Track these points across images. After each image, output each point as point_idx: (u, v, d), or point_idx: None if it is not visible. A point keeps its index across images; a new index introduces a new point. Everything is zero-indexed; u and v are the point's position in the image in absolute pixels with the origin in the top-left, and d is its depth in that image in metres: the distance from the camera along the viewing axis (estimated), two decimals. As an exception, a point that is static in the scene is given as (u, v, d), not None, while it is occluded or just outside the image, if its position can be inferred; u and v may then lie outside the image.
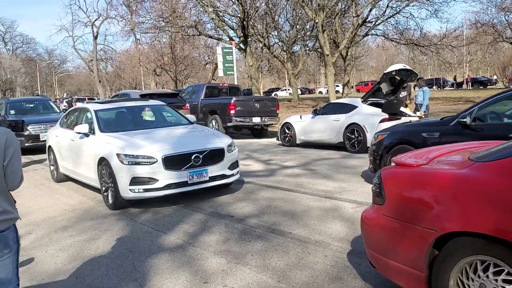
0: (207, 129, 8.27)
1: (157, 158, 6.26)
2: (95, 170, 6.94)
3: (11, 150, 2.55)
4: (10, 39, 79.29)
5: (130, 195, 6.30)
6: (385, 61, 69.33)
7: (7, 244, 2.56)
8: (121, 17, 51.22)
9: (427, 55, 31.47)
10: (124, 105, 8.45)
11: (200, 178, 6.50)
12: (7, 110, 15.12)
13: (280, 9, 34.16)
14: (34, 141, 13.43)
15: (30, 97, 22.53)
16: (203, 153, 6.56)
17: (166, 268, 4.34)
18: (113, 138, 6.91)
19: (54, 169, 9.07)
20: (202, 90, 16.88)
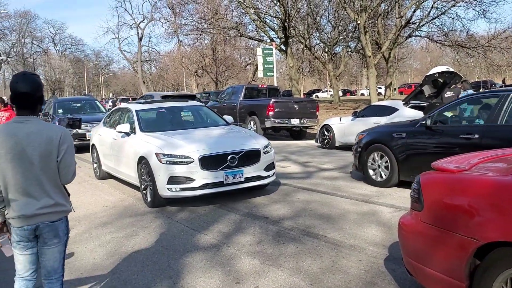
0: (244, 130, 8.28)
1: (194, 158, 6.35)
2: (135, 169, 7.10)
3: (64, 146, 2.76)
4: (60, 40, 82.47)
5: (168, 193, 6.41)
6: (429, 63, 67.52)
7: (57, 234, 2.80)
8: (165, 19, 52.37)
9: (474, 57, 30.39)
10: (163, 106, 8.61)
11: (235, 179, 6.54)
12: (55, 109, 15.48)
13: (322, 10, 33.89)
14: (80, 139, 13.56)
15: (77, 97, 22.74)
16: (239, 154, 6.60)
17: (200, 267, 4.37)
18: (152, 137, 7.05)
19: (97, 166, 9.32)
20: (241, 91, 16.96)
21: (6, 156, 2.64)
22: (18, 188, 2.68)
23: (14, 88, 2.69)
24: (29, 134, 2.67)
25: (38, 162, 2.69)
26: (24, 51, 73.25)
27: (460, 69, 45.06)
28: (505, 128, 5.70)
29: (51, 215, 2.76)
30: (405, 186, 7.49)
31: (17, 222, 2.72)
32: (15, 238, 2.77)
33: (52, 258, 2.81)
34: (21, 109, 2.73)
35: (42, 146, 2.69)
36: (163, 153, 6.45)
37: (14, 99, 2.72)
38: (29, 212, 2.70)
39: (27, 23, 71.73)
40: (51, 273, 2.84)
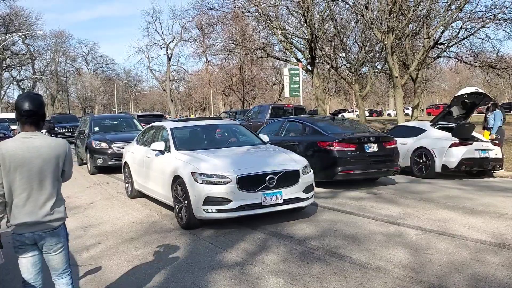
0: (281, 149, 7.79)
1: (231, 178, 6.12)
2: (169, 188, 6.91)
3: (68, 158, 3.14)
4: (92, 59, 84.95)
5: (203, 215, 6.21)
6: (458, 84, 66.53)
7: (59, 241, 3.07)
8: (193, 39, 53.25)
9: (504, 78, 29.82)
10: (198, 124, 8.52)
11: (274, 201, 6.27)
12: (91, 127, 14.71)
13: (349, 31, 33.97)
14: (117, 159, 12.52)
15: (114, 114, 21.52)
16: (277, 174, 6.34)
17: (224, 284, 4.40)
18: (188, 156, 6.88)
19: (129, 185, 9.17)
20: (267, 110, 17.11)
21: (15, 168, 2.88)
22: (23, 197, 2.91)
23: (20, 106, 2.94)
24: (37, 148, 2.93)
25: (44, 173, 2.96)
26: (58, 70, 75.59)
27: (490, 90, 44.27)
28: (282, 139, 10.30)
29: (52, 222, 3.00)
30: (434, 209, 7.39)
31: (19, 229, 2.94)
32: (15, 244, 2.98)
33: (60, 262, 3.11)
34: (27, 125, 2.97)
35: (51, 158, 2.98)
36: (199, 173, 6.25)
37: (21, 117, 2.96)
38: (33, 219, 2.93)
39: (62, 43, 74.22)
40: (61, 273, 3.15)
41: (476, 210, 7.21)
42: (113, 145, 12.93)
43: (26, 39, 61.12)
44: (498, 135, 11.61)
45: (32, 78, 67.56)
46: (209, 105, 71.38)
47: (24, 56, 63.18)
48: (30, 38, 61.96)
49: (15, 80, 67.22)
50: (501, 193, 8.68)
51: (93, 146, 13.04)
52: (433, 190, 9.16)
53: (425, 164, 10.71)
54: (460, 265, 4.67)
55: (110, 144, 12.94)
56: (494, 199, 8.05)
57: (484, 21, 23.99)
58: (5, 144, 2.93)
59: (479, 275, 4.38)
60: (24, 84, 69.10)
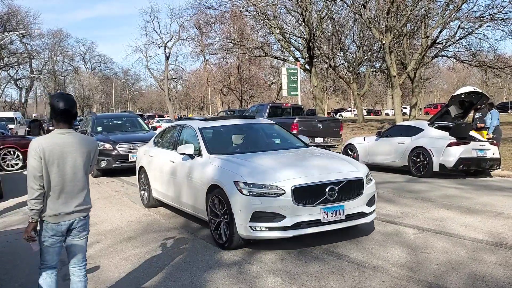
0: (333, 153, 6.83)
1: (285, 190, 5.10)
2: (203, 200, 5.87)
3: (97, 154, 3.51)
4: (90, 59, 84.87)
5: (251, 233, 5.16)
6: (456, 83, 66.67)
7: (86, 228, 3.41)
8: (192, 38, 53.27)
9: (502, 78, 29.91)
10: (231, 123, 7.42)
11: (335, 216, 5.22)
12: (94, 127, 13.77)
13: (347, 30, 34.06)
14: (122, 161, 12.04)
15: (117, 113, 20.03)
16: (339, 184, 5.29)
17: (222, 283, 4.41)
18: (226, 161, 5.87)
19: (145, 192, 8.17)
20: (265, 109, 17.13)
21: (53, 162, 3.17)
22: (59, 189, 3.21)
23: (56, 105, 3.21)
24: (72, 143, 3.24)
25: (77, 166, 3.27)
26: (55, 69, 75.46)
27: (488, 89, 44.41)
28: None
29: (83, 211, 3.34)
30: (431, 208, 7.41)
31: (55, 219, 3.21)
32: (49, 233, 3.22)
33: (81, 248, 3.40)
34: (61, 123, 3.26)
35: (84, 153, 3.30)
36: (245, 182, 5.21)
37: (56, 115, 3.24)
38: (69, 209, 3.24)
39: (59, 42, 74.07)
40: (80, 260, 3.42)
41: (474, 209, 7.24)
42: (117, 146, 12.14)
43: (24, 38, 60.93)
44: (495, 135, 11.64)
45: (29, 77, 67.43)
46: (207, 104, 71.40)
47: (21, 55, 62.98)
48: (28, 37, 61.77)
49: (13, 79, 67.04)
50: (499, 192, 8.71)
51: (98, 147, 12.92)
52: (430, 189, 9.19)
53: (423, 164, 10.74)
54: (458, 264, 4.69)
55: (115, 145, 12.14)
56: (492, 198, 8.08)
57: (481, 21, 24.08)
58: (44, 139, 3.21)
59: (476, 274, 4.40)
60: (22, 83, 68.99)
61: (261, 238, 5.27)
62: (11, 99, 73.83)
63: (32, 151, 3.15)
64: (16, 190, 10.20)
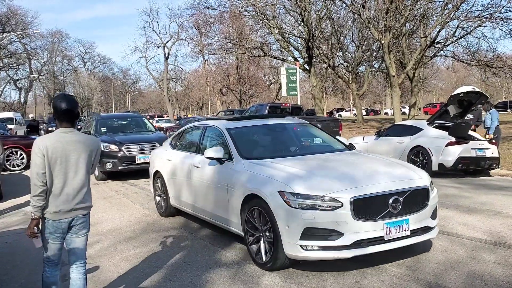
0: (382, 157, 6.08)
1: (343, 201, 4.34)
2: (238, 212, 5.11)
3: (99, 153, 3.59)
4: (89, 59, 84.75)
5: (300, 253, 4.37)
6: (455, 83, 66.73)
7: (86, 226, 3.49)
8: (191, 39, 53.35)
9: (501, 77, 29.94)
10: (262, 123, 6.63)
11: (399, 232, 4.49)
12: (97, 127, 13.11)
13: (346, 30, 34.06)
14: (129, 163, 11.48)
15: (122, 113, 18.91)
16: (403, 194, 4.53)
17: (222, 283, 4.42)
18: (265, 167, 5.08)
19: (162, 200, 7.41)
20: (264, 109, 17.15)
21: (56, 160, 3.26)
22: (61, 186, 3.30)
23: (58, 106, 3.32)
24: (74, 142, 3.34)
25: (79, 165, 3.36)
26: (55, 69, 75.40)
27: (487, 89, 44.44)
28: None
29: (83, 209, 3.42)
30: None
31: (56, 216, 3.30)
32: (50, 230, 3.32)
33: (81, 246, 3.48)
34: (64, 123, 3.36)
35: (86, 152, 3.40)
36: (292, 192, 4.42)
37: (59, 115, 3.34)
38: (69, 207, 3.32)
39: (59, 42, 74.00)
40: (79, 258, 3.49)
41: (473, 208, 7.25)
42: (123, 148, 11.55)
43: (23, 38, 60.91)
44: (496, 135, 11.64)
45: (29, 78, 67.41)
46: (207, 105, 71.45)
47: (21, 55, 62.99)
48: (27, 37, 61.74)
49: (12, 80, 67.03)
50: (498, 192, 8.72)
51: (101, 148, 12.00)
52: (430, 188, 9.20)
53: (422, 163, 10.75)
54: (457, 263, 4.70)
55: (121, 147, 11.57)
56: (491, 198, 8.09)
57: (480, 20, 24.10)
58: (48, 138, 3.31)
59: (475, 273, 4.41)
60: (21, 84, 69.00)
61: (313, 259, 4.48)
62: (11, 99, 73.90)
63: (36, 149, 3.25)
64: (16, 191, 10.21)
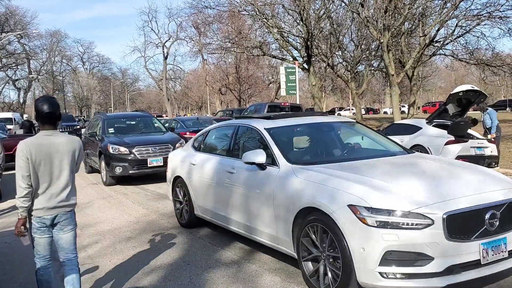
0: (455, 161, 5.55)
1: (434, 218, 3.52)
2: (289, 229, 4.30)
3: (82, 152, 3.68)
4: (88, 59, 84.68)
5: (380, 282, 3.57)
6: (454, 82, 66.74)
7: (70, 222, 3.60)
8: (190, 38, 53.22)
9: (500, 76, 29.95)
10: (306, 122, 5.70)
11: (496, 254, 3.73)
12: (104, 128, 12.09)
13: (345, 29, 34.03)
14: (140, 167, 10.68)
15: (130, 113, 17.64)
16: (500, 208, 3.82)
17: (221, 283, 4.42)
18: (322, 174, 4.23)
19: (182, 208, 6.62)
20: (263, 109, 17.18)
21: (40, 162, 3.38)
22: (46, 186, 3.43)
23: (40, 109, 3.42)
24: (57, 144, 3.46)
25: (63, 165, 3.48)
26: (53, 69, 75.34)
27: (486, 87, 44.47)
28: None
29: (66, 207, 3.54)
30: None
31: (39, 212, 3.44)
32: (36, 226, 3.46)
33: (69, 241, 3.58)
34: (46, 125, 3.47)
35: (69, 152, 3.51)
36: (368, 207, 3.63)
37: (41, 118, 3.44)
38: (51, 204, 3.45)
39: (57, 42, 73.93)
40: (69, 253, 3.60)
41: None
42: (134, 150, 10.70)
43: (22, 38, 60.83)
44: (498, 133, 11.62)
45: (28, 78, 67.34)
46: (206, 104, 71.40)
47: (19, 55, 62.92)
48: (26, 37, 61.69)
49: (11, 80, 66.96)
50: (497, 190, 8.72)
51: (109, 151, 10.69)
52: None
53: (421, 162, 10.74)
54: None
55: (131, 149, 10.71)
56: (490, 196, 8.08)
57: (479, 19, 24.09)
58: (31, 140, 3.41)
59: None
60: (20, 84, 68.93)
61: None
62: (10, 99, 73.77)
63: (19, 153, 3.34)
64: (14, 191, 10.18)
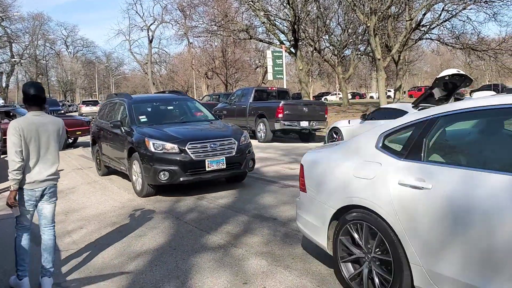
0: None
1: None
2: None
3: (64, 131, 4.16)
4: (72, 42, 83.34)
5: None
6: (440, 66, 67.11)
7: (55, 194, 4.10)
8: (175, 21, 52.70)
9: (485, 60, 30.20)
10: None
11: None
12: (133, 115, 8.51)
13: (332, 13, 33.91)
14: (195, 172, 7.35)
15: (164, 95, 11.78)
16: None
17: (208, 267, 4.41)
18: None
19: (371, 271, 3.50)
20: (251, 93, 17.04)
21: (30, 139, 3.79)
22: (35, 161, 3.85)
23: (27, 92, 3.86)
24: (44, 123, 3.90)
25: (49, 143, 3.94)
26: (37, 53, 74.01)
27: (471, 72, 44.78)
28: None
29: (53, 180, 4.02)
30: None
31: (31, 185, 3.85)
32: (26, 198, 3.86)
33: (51, 211, 4.07)
34: (33, 106, 3.90)
35: (55, 131, 3.98)
36: None
37: (28, 100, 3.88)
38: (42, 178, 3.89)
39: (40, 26, 72.51)
40: (49, 221, 4.09)
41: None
42: (188, 148, 7.34)
43: (3, 21, 59.52)
44: None
45: (10, 62, 66.05)
46: (192, 88, 70.91)
47: (1, 39, 61.61)
48: (7, 20, 60.37)
49: (-7, 64, 65.69)
50: (481, 174, 8.82)
51: (149, 148, 7.36)
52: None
53: (407, 146, 10.81)
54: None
55: (183, 146, 7.34)
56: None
57: (465, 3, 24.16)
58: (21, 120, 3.81)
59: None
60: (2, 68, 67.54)
61: None
62: (-9, 83, 72.38)
63: (12, 130, 3.73)
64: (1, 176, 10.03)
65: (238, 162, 7.75)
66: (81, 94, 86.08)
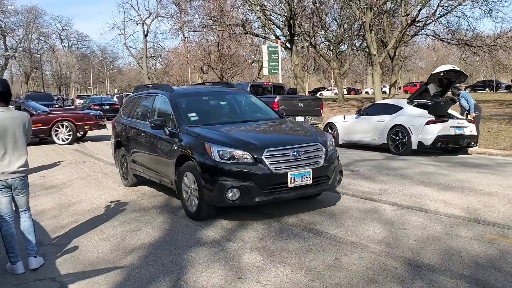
0: None
1: None
2: None
3: (31, 125, 4.49)
4: (66, 36, 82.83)
5: None
6: (435, 62, 67.25)
7: (25, 186, 4.42)
8: (170, 15, 52.54)
9: (480, 56, 30.29)
10: None
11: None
12: (180, 112, 6.59)
13: (328, 8, 33.86)
14: (275, 189, 5.47)
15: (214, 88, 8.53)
16: None
17: (203, 262, 4.41)
18: None
19: None
20: (246, 88, 17.00)
21: None
22: (4, 154, 4.17)
23: None
24: (10, 118, 4.21)
25: (17, 136, 4.24)
26: (31, 47, 73.49)
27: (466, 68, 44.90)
28: None
29: (22, 172, 4.31)
30: (409, 185, 7.51)
31: (2, 176, 4.18)
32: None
33: (24, 201, 4.43)
34: (0, 102, 4.21)
35: (21, 125, 4.27)
36: None
37: None
38: (12, 169, 4.21)
39: (34, 19, 71.96)
40: (24, 208, 4.46)
41: (451, 186, 7.37)
42: (264, 156, 5.45)
43: (-4, 14, 59.06)
44: (477, 112, 11.74)
45: (4, 55, 65.58)
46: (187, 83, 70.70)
47: (-6, 32, 61.17)
48: (1, 13, 59.92)
49: (-14, 57, 65.18)
50: (475, 169, 8.88)
51: (213, 157, 5.50)
52: (409, 166, 9.32)
53: (402, 141, 10.86)
54: (434, 240, 4.78)
55: (258, 154, 5.46)
56: (468, 175, 8.23)
57: (461, -1, 24.16)
58: None
59: (452, 249, 4.49)
60: (-4, 61, 67.10)
61: None
62: (-15, 77, 71.87)
63: None
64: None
65: (327, 175, 5.85)
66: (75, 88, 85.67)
